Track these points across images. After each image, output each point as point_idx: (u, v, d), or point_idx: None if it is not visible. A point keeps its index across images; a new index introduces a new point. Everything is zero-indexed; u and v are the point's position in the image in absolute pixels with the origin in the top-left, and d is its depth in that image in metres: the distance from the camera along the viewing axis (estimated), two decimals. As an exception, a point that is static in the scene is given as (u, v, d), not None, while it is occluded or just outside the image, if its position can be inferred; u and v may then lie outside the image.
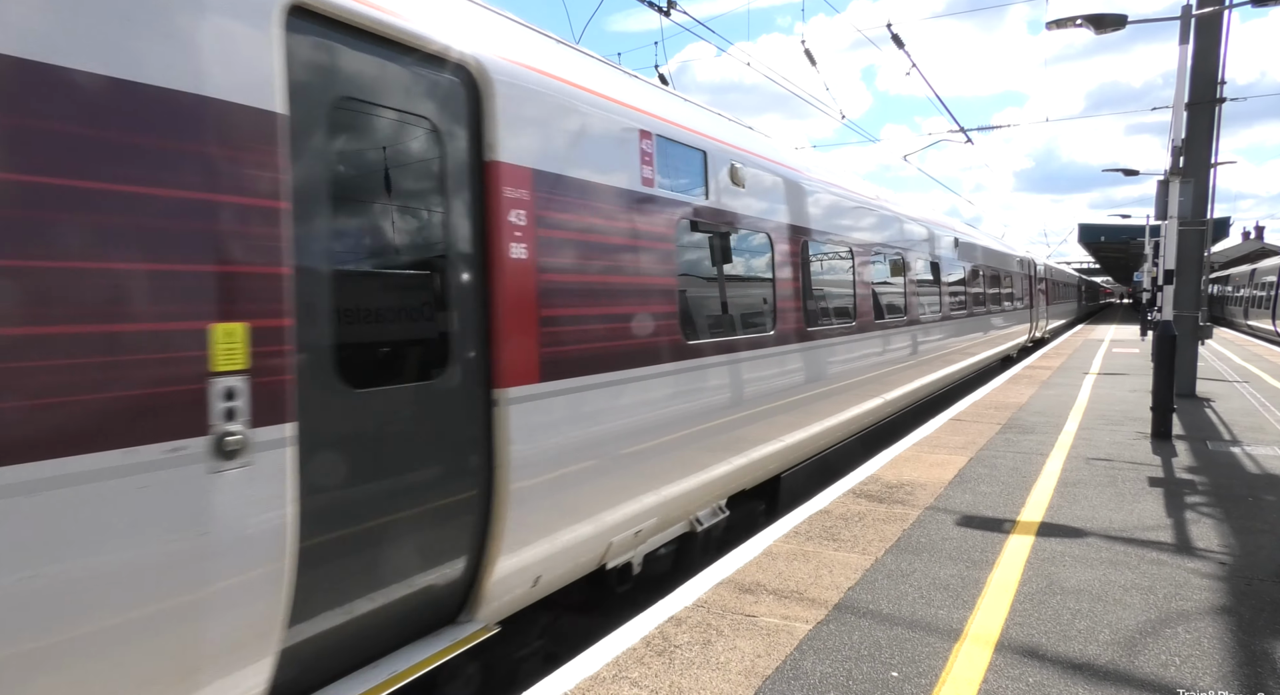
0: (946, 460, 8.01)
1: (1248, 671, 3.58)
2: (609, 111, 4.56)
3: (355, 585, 3.00)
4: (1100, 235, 42.48)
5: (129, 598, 2.25)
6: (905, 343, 10.51)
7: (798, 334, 6.86)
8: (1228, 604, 4.35)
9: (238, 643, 2.55)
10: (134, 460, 2.25)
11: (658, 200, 4.87)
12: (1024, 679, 3.53)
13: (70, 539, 2.13)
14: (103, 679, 2.23)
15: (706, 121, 5.92)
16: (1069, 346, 24.28)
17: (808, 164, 7.93)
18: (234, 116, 2.51)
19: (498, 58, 3.68)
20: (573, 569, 4.27)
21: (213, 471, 2.43)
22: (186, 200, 2.38)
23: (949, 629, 4.05)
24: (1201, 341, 12.90)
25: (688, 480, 5.17)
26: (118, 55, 2.24)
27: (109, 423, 2.20)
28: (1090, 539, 5.47)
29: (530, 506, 3.72)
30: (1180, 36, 10.00)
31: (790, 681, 3.52)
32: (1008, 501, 6.44)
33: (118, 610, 2.24)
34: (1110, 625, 4.08)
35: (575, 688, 3.48)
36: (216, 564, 2.45)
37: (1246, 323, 34.84)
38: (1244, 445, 8.70)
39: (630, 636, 3.98)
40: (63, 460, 2.10)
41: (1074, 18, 10.15)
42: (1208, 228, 12.82)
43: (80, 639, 2.16)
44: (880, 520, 5.95)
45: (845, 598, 4.47)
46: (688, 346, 5.11)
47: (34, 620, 2.07)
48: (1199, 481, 7.09)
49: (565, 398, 3.97)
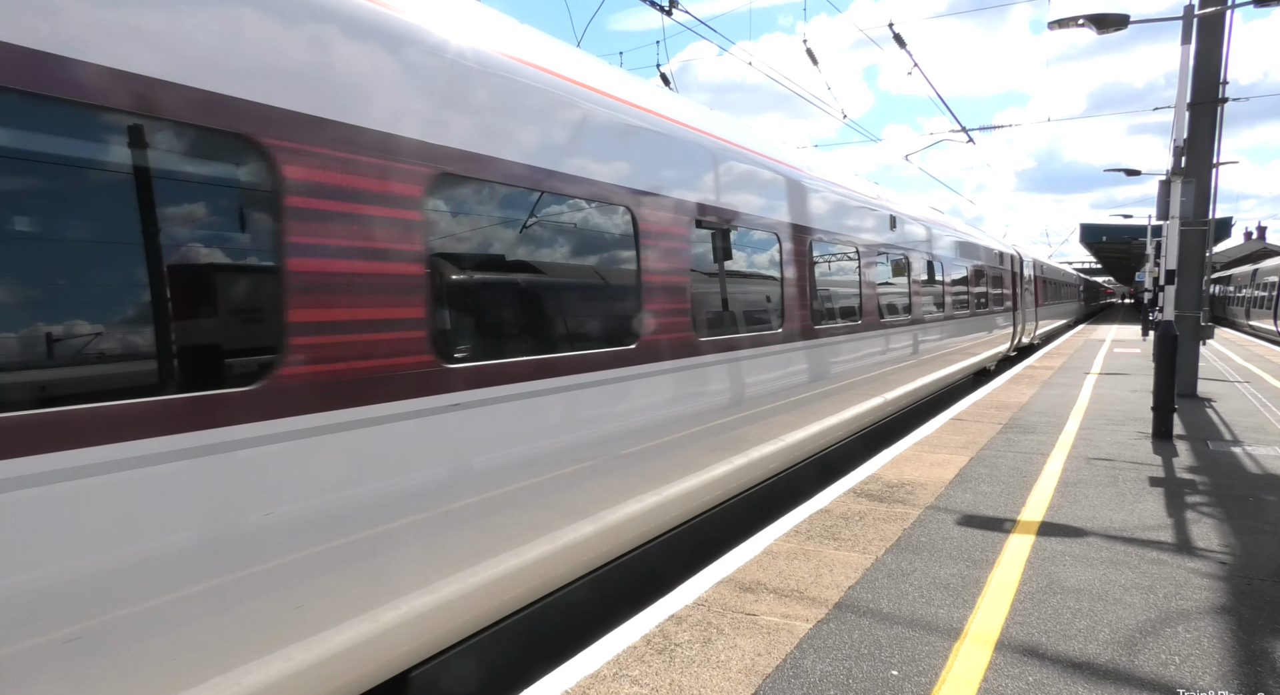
0: (947, 460, 8.01)
1: (1247, 671, 3.58)
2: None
3: None
4: (1102, 235, 42.45)
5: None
6: (790, 371, 6.94)
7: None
8: (1228, 604, 4.35)
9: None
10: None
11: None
12: (1024, 678, 3.53)
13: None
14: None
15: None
16: (1070, 346, 24.26)
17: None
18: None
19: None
20: None
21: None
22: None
23: (949, 628, 4.05)
24: (1203, 342, 12.89)
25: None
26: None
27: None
28: (1091, 538, 5.47)
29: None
30: (1182, 36, 9.99)
31: (790, 680, 3.53)
32: (1008, 501, 6.44)
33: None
34: (1110, 624, 4.08)
35: (576, 685, 3.49)
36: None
37: (1248, 323, 34.79)
38: (1245, 445, 8.70)
39: (631, 634, 3.99)
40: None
41: (1076, 18, 10.14)
42: (1209, 228, 12.80)
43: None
44: (881, 519, 5.96)
45: (846, 597, 4.47)
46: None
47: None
48: (1200, 481, 7.09)
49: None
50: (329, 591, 2.93)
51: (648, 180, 5.00)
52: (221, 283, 2.72)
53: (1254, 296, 34.18)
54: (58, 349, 2.32)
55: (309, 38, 2.93)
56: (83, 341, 2.37)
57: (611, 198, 4.60)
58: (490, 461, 3.66)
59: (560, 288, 4.43)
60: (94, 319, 2.38)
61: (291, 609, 2.80)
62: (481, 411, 3.61)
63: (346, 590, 3.00)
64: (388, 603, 3.16)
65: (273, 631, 2.76)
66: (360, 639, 3.06)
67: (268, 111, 2.75)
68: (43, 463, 2.18)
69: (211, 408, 2.57)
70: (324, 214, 2.95)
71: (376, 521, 3.11)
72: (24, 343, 2.23)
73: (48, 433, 2.19)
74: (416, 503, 3.28)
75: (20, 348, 2.22)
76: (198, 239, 2.64)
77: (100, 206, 2.40)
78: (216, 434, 2.58)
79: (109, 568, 2.31)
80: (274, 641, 2.76)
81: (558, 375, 4.11)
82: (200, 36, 2.56)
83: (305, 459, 2.85)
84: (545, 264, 4.29)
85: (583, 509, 4.27)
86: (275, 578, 2.76)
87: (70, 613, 2.24)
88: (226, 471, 2.60)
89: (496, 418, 3.70)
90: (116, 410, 2.34)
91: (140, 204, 2.48)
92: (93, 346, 2.38)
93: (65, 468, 2.22)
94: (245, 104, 2.68)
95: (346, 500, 2.99)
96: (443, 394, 3.40)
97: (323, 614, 2.91)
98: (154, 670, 2.42)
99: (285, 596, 2.78)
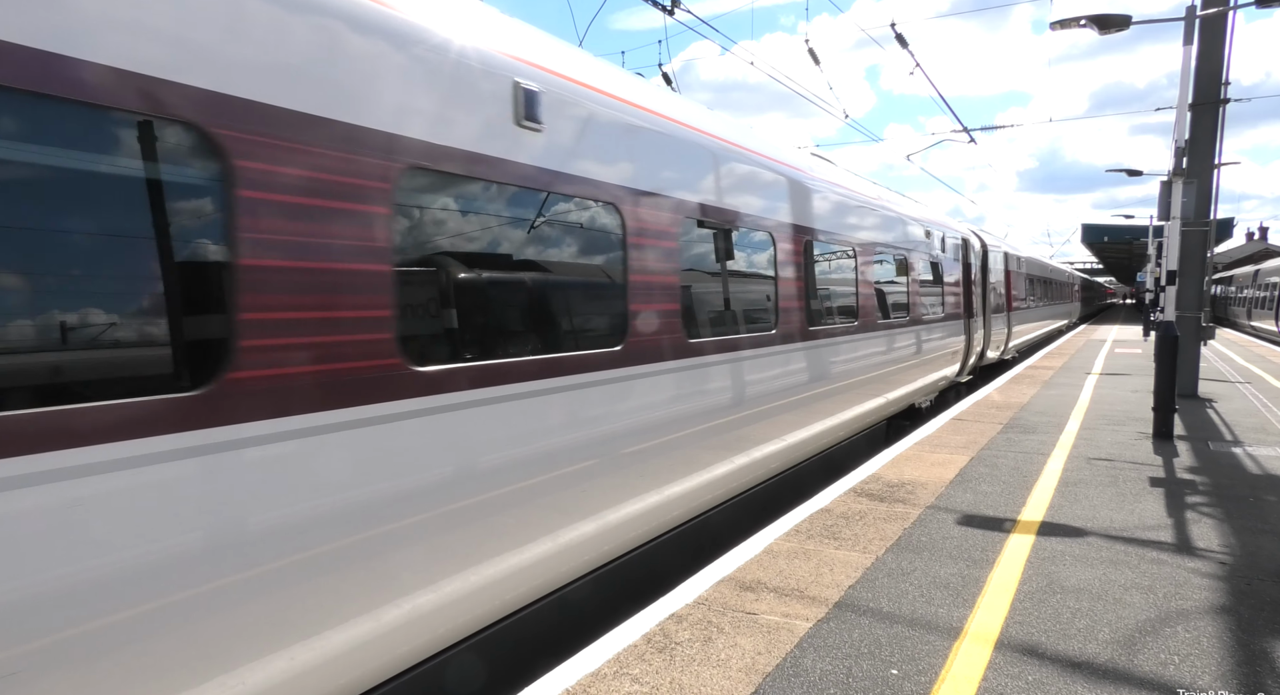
0: (948, 459, 8.02)
1: (1247, 671, 3.59)
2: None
3: None
4: (1103, 235, 42.46)
5: None
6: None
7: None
8: (1228, 603, 4.36)
9: None
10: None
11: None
12: (1023, 677, 3.54)
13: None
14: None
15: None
16: (1071, 346, 24.25)
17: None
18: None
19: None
20: None
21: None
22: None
23: (949, 627, 4.06)
24: (1204, 342, 12.88)
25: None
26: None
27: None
28: (1091, 538, 5.48)
29: None
30: (1185, 37, 9.98)
31: (791, 679, 3.54)
32: (1009, 501, 6.45)
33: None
34: (1110, 624, 4.09)
35: (577, 684, 3.50)
36: None
37: (1249, 323, 34.78)
38: (1246, 446, 8.70)
39: (631, 633, 4.00)
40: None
41: (1078, 18, 10.15)
42: (1211, 228, 12.80)
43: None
44: (881, 519, 5.96)
45: (846, 596, 4.48)
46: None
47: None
48: (1200, 482, 7.09)
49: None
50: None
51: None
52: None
53: (1255, 297, 34.17)
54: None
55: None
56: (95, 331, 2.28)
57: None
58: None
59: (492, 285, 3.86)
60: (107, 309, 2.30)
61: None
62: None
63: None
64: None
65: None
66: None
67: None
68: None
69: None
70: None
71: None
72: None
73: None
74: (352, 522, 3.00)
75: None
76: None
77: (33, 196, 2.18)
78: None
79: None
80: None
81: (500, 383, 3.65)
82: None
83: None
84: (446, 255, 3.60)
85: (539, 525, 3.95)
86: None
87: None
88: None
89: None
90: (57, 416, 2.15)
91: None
92: (107, 335, 2.30)
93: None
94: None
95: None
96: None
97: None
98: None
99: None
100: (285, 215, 2.78)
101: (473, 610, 3.60)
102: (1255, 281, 34.60)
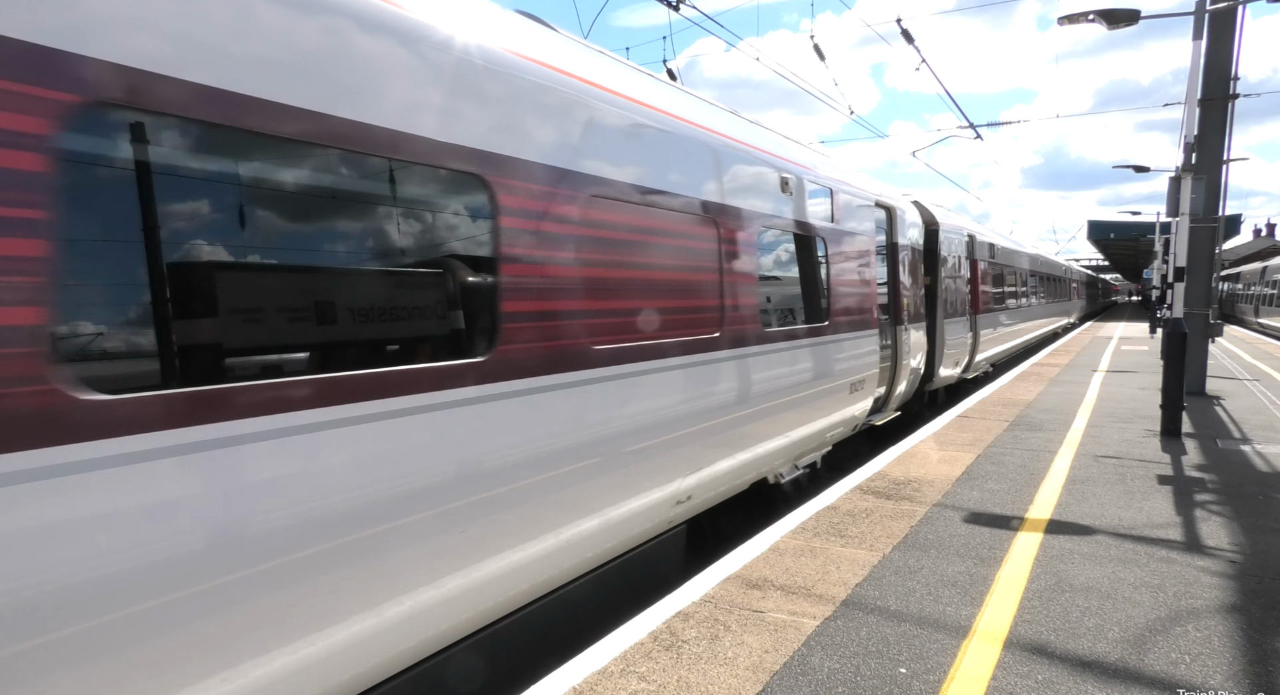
0: (954, 457, 7.99)
1: (1258, 670, 3.56)
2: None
3: None
4: (1109, 232, 42.33)
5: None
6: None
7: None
8: (1238, 602, 4.33)
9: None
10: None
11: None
12: (1033, 676, 3.52)
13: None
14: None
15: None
16: (1077, 343, 24.17)
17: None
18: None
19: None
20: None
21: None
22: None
23: (957, 626, 4.04)
24: (1212, 339, 12.82)
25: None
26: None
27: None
28: (1099, 536, 5.45)
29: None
30: (1194, 32, 9.92)
31: (798, 677, 3.53)
32: (1016, 499, 6.42)
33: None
34: (1119, 623, 4.07)
35: (583, 682, 3.49)
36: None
37: (1257, 320, 34.65)
38: (1254, 443, 8.65)
39: (638, 631, 3.99)
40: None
41: (1086, 13, 10.08)
42: (1219, 225, 12.73)
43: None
44: (888, 517, 5.94)
45: (853, 594, 4.46)
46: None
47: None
48: (1209, 479, 7.05)
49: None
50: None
51: None
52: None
53: (1263, 294, 34.03)
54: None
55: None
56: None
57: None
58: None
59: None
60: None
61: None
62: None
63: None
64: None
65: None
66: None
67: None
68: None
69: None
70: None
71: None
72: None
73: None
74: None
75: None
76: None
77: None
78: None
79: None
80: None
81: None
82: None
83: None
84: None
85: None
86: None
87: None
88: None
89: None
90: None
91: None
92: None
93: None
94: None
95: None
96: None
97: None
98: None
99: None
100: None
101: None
102: (1263, 278, 34.47)
